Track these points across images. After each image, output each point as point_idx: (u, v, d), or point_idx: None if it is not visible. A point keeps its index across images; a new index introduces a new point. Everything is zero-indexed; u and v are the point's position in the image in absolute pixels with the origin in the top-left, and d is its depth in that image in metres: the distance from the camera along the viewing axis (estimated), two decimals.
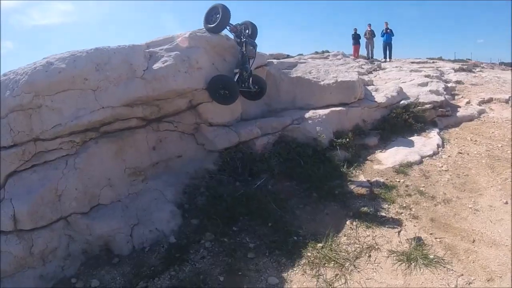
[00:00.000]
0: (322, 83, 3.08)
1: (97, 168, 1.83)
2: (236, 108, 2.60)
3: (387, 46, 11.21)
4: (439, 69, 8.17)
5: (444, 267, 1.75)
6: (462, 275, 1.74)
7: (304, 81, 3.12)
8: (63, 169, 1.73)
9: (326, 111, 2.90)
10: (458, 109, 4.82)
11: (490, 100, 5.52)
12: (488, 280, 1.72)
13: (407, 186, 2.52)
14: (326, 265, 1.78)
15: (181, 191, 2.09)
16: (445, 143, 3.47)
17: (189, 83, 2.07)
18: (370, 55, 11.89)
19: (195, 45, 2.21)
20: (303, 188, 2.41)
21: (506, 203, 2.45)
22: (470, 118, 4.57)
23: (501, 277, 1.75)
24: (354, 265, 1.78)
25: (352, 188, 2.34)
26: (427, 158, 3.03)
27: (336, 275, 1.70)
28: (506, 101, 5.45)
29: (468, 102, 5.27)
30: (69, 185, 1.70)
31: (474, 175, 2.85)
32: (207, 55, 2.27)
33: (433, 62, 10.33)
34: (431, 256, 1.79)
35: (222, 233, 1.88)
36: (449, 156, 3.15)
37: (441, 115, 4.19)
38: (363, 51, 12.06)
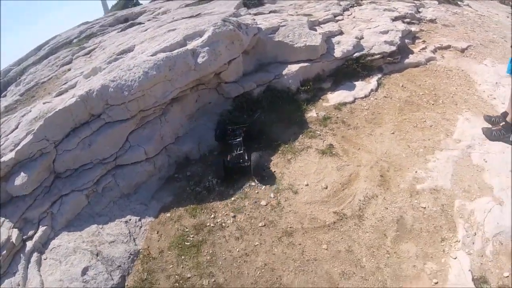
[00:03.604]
0: (296, 45, 4.76)
1: (175, 119, 3.75)
2: (239, 69, 4.42)
3: None
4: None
5: (339, 158, 3.54)
6: (346, 161, 3.50)
7: (283, 44, 4.80)
8: (160, 124, 3.61)
9: (297, 67, 4.64)
10: (410, 55, 5.56)
11: (447, 47, 6.07)
12: (357, 166, 3.44)
13: (337, 117, 4.14)
14: (287, 153, 3.64)
15: (216, 123, 4.04)
16: (379, 88, 4.72)
17: (217, 66, 3.85)
18: None
19: (217, 39, 3.89)
20: (280, 118, 4.11)
21: (393, 133, 3.91)
22: (416, 65, 5.38)
23: (365, 166, 3.42)
24: (300, 154, 3.61)
25: (306, 117, 4.21)
26: (359, 99, 4.45)
27: (291, 157, 3.59)
28: (462, 50, 5.99)
29: (423, 48, 5.87)
30: (165, 131, 3.60)
31: (384, 114, 4.24)
32: (223, 43, 3.95)
33: None
34: (334, 152, 3.59)
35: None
36: (375, 99, 4.49)
37: (388, 63, 5.20)
38: None
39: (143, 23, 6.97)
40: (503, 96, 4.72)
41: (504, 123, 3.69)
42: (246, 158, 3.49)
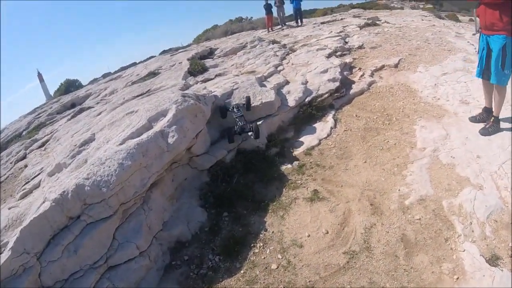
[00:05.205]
0: (253, 105, 5.29)
1: (158, 204, 3.84)
2: (207, 140, 4.74)
3: (297, 11, 13.70)
4: (345, 30, 10.36)
5: (327, 200, 3.79)
6: (334, 201, 3.74)
7: (241, 106, 5.30)
8: (144, 213, 3.65)
9: (260, 126, 5.09)
10: (353, 85, 6.29)
11: (382, 68, 6.91)
12: (346, 202, 3.72)
13: (311, 162, 4.53)
14: (279, 210, 3.81)
15: (198, 199, 4.21)
16: (337, 124, 5.30)
17: (187, 142, 4.10)
18: (282, 22, 14.35)
19: (181, 116, 4.18)
20: (259, 177, 4.43)
21: (365, 162, 4.33)
22: (361, 92, 6.07)
23: (353, 200, 3.72)
24: (290, 208, 3.82)
25: (282, 170, 4.58)
26: (323, 139, 4.94)
27: (283, 213, 3.76)
28: (395, 66, 6.87)
29: (362, 75, 6.65)
30: (151, 220, 3.65)
31: (350, 147, 4.72)
32: (188, 118, 4.26)
33: (342, 19, 12.83)
34: (321, 196, 3.86)
35: (229, 211, 4.01)
36: (337, 135, 5.03)
37: (336, 98, 5.88)
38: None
39: (93, 107, 7.10)
40: (446, 94, 5.60)
41: (493, 118, 4.20)
42: (249, 126, 4.72)
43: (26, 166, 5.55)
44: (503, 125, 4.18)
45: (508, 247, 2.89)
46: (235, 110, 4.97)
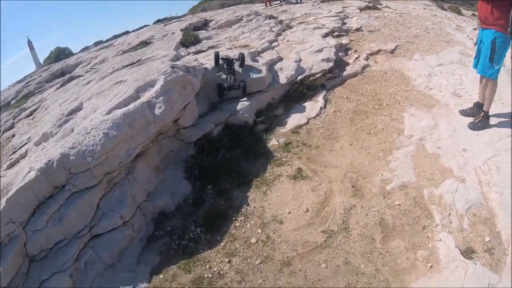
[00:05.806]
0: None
1: (143, 175, 3.86)
2: (195, 113, 4.71)
3: None
4: (345, 11, 10.19)
5: (310, 179, 3.86)
6: (317, 181, 3.82)
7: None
8: (128, 184, 3.67)
9: (249, 100, 5.10)
10: (346, 67, 6.21)
11: (378, 52, 6.80)
12: (329, 182, 3.80)
13: (297, 141, 4.54)
14: (262, 186, 3.88)
15: (184, 171, 4.23)
16: (327, 104, 5.28)
17: (174, 114, 4.07)
18: None
19: (169, 87, 4.11)
20: (245, 152, 4.44)
21: (351, 144, 4.38)
22: (354, 75, 6.00)
23: (336, 181, 3.80)
24: (274, 184, 3.89)
25: (269, 146, 4.60)
26: (312, 119, 4.94)
27: (266, 189, 3.83)
28: (392, 51, 6.78)
29: (357, 58, 6.54)
30: (135, 190, 3.67)
31: (338, 128, 4.75)
32: (176, 90, 4.19)
33: (342, 0, 12.53)
34: (304, 175, 3.92)
35: (213, 185, 4.04)
36: (326, 115, 5.03)
37: (329, 79, 5.81)
38: None
39: (83, 76, 6.98)
40: (439, 85, 5.60)
41: (483, 113, 4.23)
42: (237, 84, 5.00)
43: (13, 135, 5.46)
44: (492, 121, 4.31)
45: (483, 242, 3.04)
46: (227, 67, 5.20)
